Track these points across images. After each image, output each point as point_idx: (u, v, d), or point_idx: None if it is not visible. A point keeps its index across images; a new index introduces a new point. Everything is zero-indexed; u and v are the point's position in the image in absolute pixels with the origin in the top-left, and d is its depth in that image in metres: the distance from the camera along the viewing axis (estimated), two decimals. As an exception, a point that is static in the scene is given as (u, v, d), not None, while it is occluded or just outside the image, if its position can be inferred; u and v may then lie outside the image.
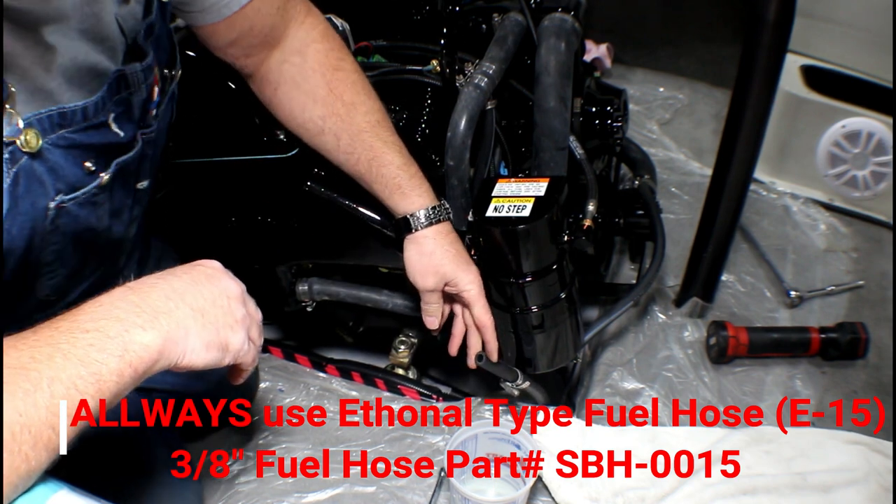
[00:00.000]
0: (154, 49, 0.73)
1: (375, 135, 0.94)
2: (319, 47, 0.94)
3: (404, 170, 0.95)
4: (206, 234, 1.19)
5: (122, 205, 0.78)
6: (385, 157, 0.94)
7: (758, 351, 1.31)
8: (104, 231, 0.77)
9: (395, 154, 0.95)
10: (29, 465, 0.50)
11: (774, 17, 1.08)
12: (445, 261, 0.97)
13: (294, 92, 0.94)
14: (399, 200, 0.96)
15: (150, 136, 0.77)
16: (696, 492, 1.07)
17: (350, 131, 0.94)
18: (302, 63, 0.93)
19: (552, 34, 1.02)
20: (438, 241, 0.97)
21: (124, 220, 0.81)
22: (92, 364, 0.54)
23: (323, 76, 0.93)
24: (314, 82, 0.93)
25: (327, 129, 0.94)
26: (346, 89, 0.94)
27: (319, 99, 0.93)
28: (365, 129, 0.94)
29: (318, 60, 0.93)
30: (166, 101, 0.79)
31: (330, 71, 0.93)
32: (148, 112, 0.75)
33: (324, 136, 0.95)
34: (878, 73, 1.53)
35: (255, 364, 0.73)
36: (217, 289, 0.66)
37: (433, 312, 1.03)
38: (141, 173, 0.79)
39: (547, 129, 1.04)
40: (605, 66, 1.99)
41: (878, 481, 1.08)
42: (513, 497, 1.03)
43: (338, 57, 0.95)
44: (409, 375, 1.28)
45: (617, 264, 1.49)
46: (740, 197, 1.25)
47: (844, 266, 1.51)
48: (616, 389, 1.27)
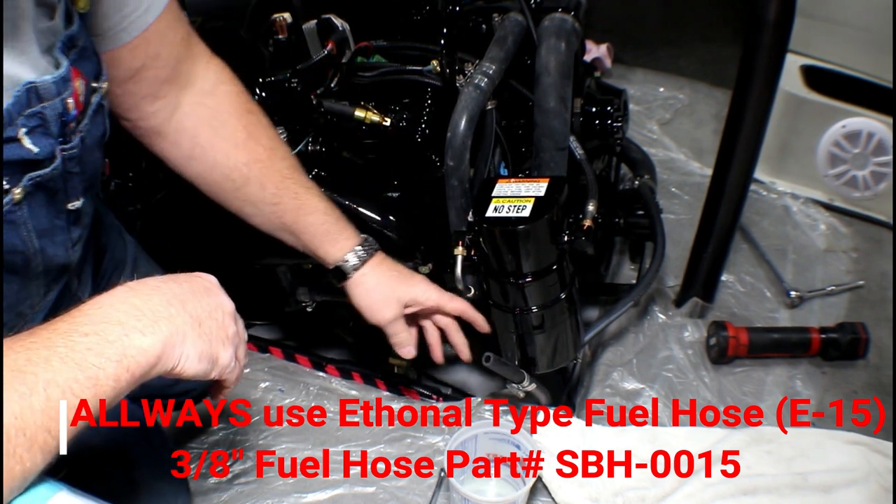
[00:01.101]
0: (75, 60, 0.68)
1: (297, 181, 0.92)
2: (230, 89, 0.89)
3: (330, 214, 0.93)
4: (205, 234, 1.19)
5: (52, 225, 0.72)
6: (310, 204, 0.92)
7: (758, 351, 1.31)
8: (35, 254, 0.71)
9: (318, 199, 0.92)
10: (24, 468, 0.50)
11: (774, 17, 1.08)
12: (394, 286, 0.97)
13: (214, 139, 0.88)
14: (329, 248, 0.95)
15: (73, 153, 0.70)
16: (697, 492, 1.07)
17: (274, 179, 0.90)
18: (217, 105, 0.88)
19: (552, 34, 1.02)
20: (379, 273, 0.97)
21: (60, 242, 0.75)
22: (89, 368, 0.54)
23: (239, 119, 0.89)
24: (232, 126, 0.88)
25: (252, 178, 0.89)
26: (262, 133, 0.90)
27: (240, 144, 0.88)
28: (288, 176, 0.91)
29: (230, 103, 0.89)
30: (90, 115, 0.73)
31: (245, 114, 0.89)
32: (66, 126, 0.69)
33: (249, 185, 0.90)
34: (878, 73, 1.53)
35: (237, 383, 0.73)
36: (214, 302, 0.67)
37: (405, 341, 1.03)
38: (70, 192, 0.73)
39: (547, 129, 1.04)
40: (605, 66, 1.99)
41: (878, 481, 1.08)
42: (513, 497, 1.03)
43: (247, 100, 0.91)
44: (408, 375, 1.28)
45: (617, 264, 1.49)
46: (740, 197, 1.25)
47: (844, 266, 1.51)
48: (616, 389, 1.27)
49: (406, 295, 0.99)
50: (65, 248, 0.76)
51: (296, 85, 1.07)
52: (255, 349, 1.33)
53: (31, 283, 0.74)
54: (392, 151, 1.10)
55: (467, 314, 1.03)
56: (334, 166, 1.11)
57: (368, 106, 1.06)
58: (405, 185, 1.11)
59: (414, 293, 0.99)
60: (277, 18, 1.06)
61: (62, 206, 0.73)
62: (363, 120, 1.06)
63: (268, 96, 1.08)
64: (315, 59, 1.07)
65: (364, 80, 1.10)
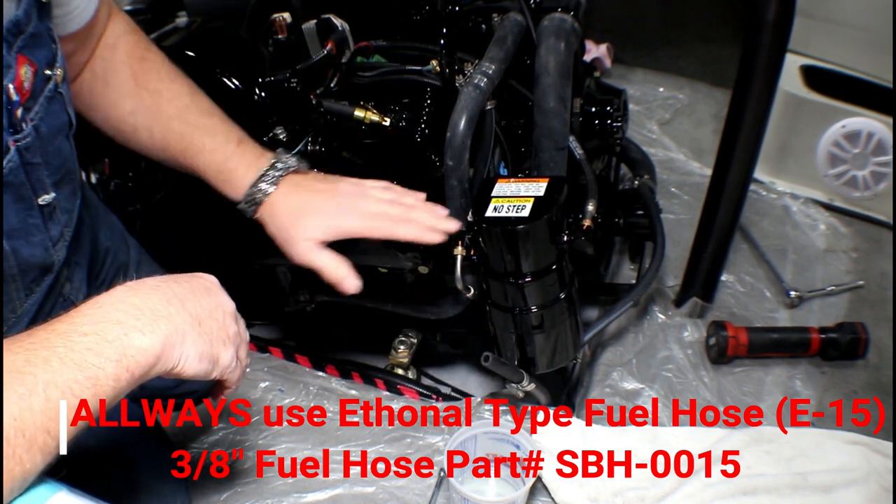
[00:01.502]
0: (22, 47, 0.67)
1: (184, 121, 0.88)
2: (130, 39, 0.89)
3: (220, 150, 0.87)
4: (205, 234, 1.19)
5: (25, 224, 0.71)
6: (195, 145, 0.87)
7: (758, 351, 1.31)
8: (7, 256, 0.69)
9: (207, 137, 0.87)
10: (24, 469, 0.50)
11: (774, 17, 1.08)
12: (314, 212, 0.87)
13: (105, 90, 0.88)
14: (228, 189, 0.88)
15: (27, 142, 0.68)
16: (696, 492, 1.07)
17: (160, 123, 0.87)
18: (111, 56, 0.88)
19: (552, 34, 1.02)
20: (285, 200, 0.87)
21: (38, 242, 0.73)
22: (89, 368, 0.54)
23: (130, 67, 0.88)
24: (122, 75, 0.87)
25: (139, 126, 0.88)
26: (151, 78, 0.88)
27: (126, 93, 0.88)
28: (173, 117, 0.87)
29: (126, 52, 0.88)
30: (42, 103, 0.71)
31: (137, 62, 0.88)
32: (13, 115, 0.66)
33: (137, 133, 0.89)
34: (878, 73, 1.53)
35: (239, 384, 0.73)
36: (214, 302, 0.67)
37: (339, 272, 0.89)
38: (36, 185, 0.71)
39: (546, 129, 1.04)
40: (605, 66, 1.99)
41: (878, 481, 1.08)
42: (513, 497, 1.03)
43: (145, 47, 0.90)
44: (408, 375, 1.28)
45: (617, 264, 1.49)
46: (740, 197, 1.25)
47: (844, 266, 1.51)
48: (616, 389, 1.27)
49: (340, 224, 0.88)
50: (43, 247, 0.74)
51: (295, 85, 1.07)
52: (254, 349, 1.33)
53: (7, 287, 0.72)
54: (392, 151, 1.10)
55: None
56: (334, 166, 1.11)
57: (368, 106, 1.06)
58: (405, 184, 1.11)
59: (348, 218, 0.88)
60: (277, 18, 1.06)
61: (31, 202, 0.71)
62: (363, 120, 1.06)
63: (267, 96, 1.08)
64: (315, 59, 1.06)
65: (364, 80, 1.10)
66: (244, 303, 0.76)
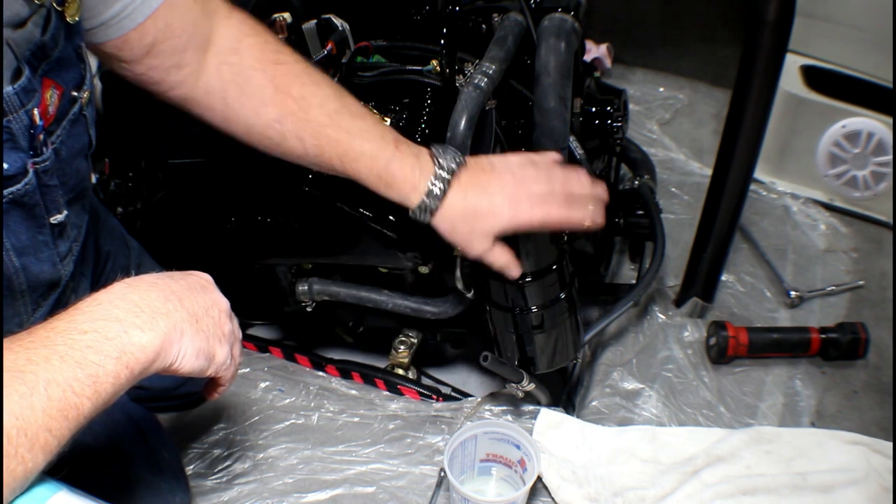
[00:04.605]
0: (48, 70, 0.65)
1: (338, 127, 0.84)
2: (253, 41, 0.83)
3: (380, 156, 0.84)
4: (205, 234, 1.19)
5: (35, 242, 0.70)
6: (353, 150, 0.84)
7: (758, 351, 1.31)
8: (17, 273, 0.70)
9: (364, 142, 0.84)
10: (26, 468, 0.50)
11: (774, 17, 1.08)
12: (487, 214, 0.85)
13: (241, 97, 0.83)
14: (391, 193, 0.86)
15: (46, 166, 0.67)
16: (696, 492, 1.07)
17: (310, 130, 0.84)
18: (240, 62, 0.82)
19: (552, 34, 1.02)
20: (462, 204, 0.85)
21: (46, 258, 0.73)
22: (89, 366, 0.54)
23: (264, 73, 0.83)
24: (257, 81, 0.83)
25: (288, 134, 0.84)
26: (292, 82, 0.83)
27: (268, 100, 0.83)
28: (325, 124, 0.84)
29: (255, 56, 0.83)
30: (65, 126, 0.69)
31: (271, 66, 0.83)
32: (35, 138, 0.65)
33: (287, 141, 0.85)
34: (878, 73, 1.53)
35: (232, 381, 0.73)
36: (210, 299, 0.67)
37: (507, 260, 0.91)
38: (50, 206, 0.70)
39: (547, 129, 1.04)
40: (605, 66, 1.99)
41: (878, 481, 1.08)
42: (513, 497, 1.03)
43: (274, 49, 0.84)
44: (408, 375, 1.28)
45: (617, 264, 1.49)
46: (740, 197, 1.25)
47: (844, 266, 1.51)
48: (616, 389, 1.27)
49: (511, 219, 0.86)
50: (51, 263, 0.74)
51: (296, 85, 1.06)
52: (254, 349, 1.33)
53: (16, 302, 0.72)
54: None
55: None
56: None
57: (368, 106, 1.06)
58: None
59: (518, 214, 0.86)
60: (277, 18, 1.06)
61: (43, 221, 0.70)
62: (363, 120, 1.05)
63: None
64: (315, 59, 1.07)
65: (364, 80, 1.10)
66: (244, 303, 0.76)
